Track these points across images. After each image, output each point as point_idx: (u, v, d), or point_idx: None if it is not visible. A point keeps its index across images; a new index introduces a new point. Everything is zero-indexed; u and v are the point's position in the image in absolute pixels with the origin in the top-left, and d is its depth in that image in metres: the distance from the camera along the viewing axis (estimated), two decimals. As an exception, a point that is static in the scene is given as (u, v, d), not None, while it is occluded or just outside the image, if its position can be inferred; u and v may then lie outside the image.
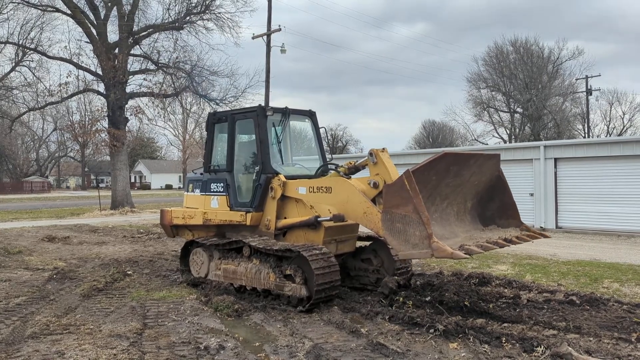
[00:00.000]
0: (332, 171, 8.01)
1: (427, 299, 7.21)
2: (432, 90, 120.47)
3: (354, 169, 7.65)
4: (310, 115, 9.25)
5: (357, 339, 5.80)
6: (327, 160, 9.11)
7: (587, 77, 48.62)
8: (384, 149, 7.22)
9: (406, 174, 5.85)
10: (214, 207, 8.67)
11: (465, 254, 5.68)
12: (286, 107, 8.75)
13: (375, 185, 7.01)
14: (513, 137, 52.93)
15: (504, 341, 5.53)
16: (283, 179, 7.90)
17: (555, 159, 17.19)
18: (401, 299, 7.14)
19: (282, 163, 8.58)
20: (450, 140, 68.79)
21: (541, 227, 17.06)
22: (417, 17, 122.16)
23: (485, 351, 5.34)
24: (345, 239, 7.97)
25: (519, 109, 52.37)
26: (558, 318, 6.44)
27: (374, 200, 7.02)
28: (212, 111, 9.29)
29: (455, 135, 68.76)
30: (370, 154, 7.13)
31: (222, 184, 8.59)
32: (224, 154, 8.69)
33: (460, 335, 5.76)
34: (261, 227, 8.15)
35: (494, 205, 7.33)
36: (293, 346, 5.62)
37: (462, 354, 5.30)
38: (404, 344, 5.61)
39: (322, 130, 9.34)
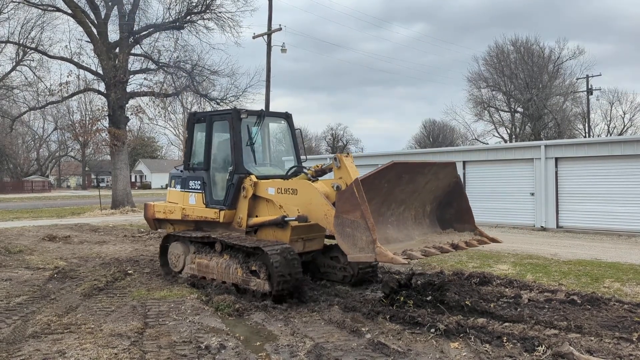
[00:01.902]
0: (302, 173, 8.32)
1: (428, 298, 7.20)
2: (431, 90, 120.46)
3: (320, 172, 8.00)
4: (286, 117, 9.56)
5: (358, 339, 5.79)
6: (302, 161, 9.50)
7: (587, 77, 48.65)
8: (348, 154, 7.66)
9: (355, 183, 6.21)
10: (191, 203, 9.10)
11: (405, 258, 5.99)
12: (261, 110, 9.17)
13: (338, 189, 7.33)
14: (514, 136, 52.90)
15: (505, 341, 5.52)
16: (254, 179, 8.22)
17: (556, 159, 17.17)
18: (402, 298, 7.13)
19: (256, 164, 8.83)
20: (451, 140, 68.71)
21: (542, 226, 17.07)
22: (415, 17, 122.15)
23: (487, 351, 5.34)
24: (313, 237, 8.29)
25: (519, 109, 52.33)
26: (559, 317, 6.43)
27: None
28: (192, 111, 9.52)
29: (456, 135, 68.72)
30: (335, 158, 7.53)
31: (199, 182, 8.97)
32: (202, 153, 9.00)
33: (462, 335, 5.76)
34: (234, 225, 8.48)
35: (452, 209, 7.65)
36: (294, 346, 5.61)
37: (464, 354, 5.29)
38: (405, 344, 5.60)
39: (297, 132, 9.65)
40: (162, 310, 7.10)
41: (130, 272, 9.77)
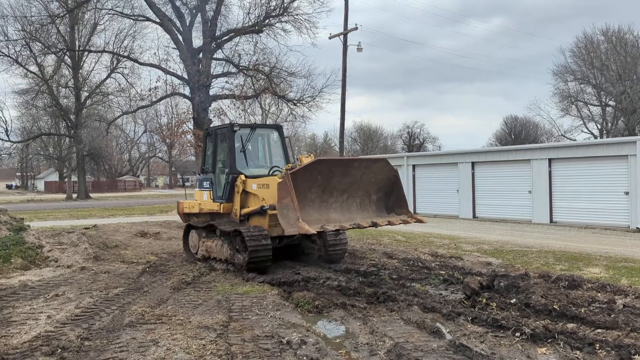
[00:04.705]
0: (279, 172, 9.74)
1: (512, 301, 6.96)
2: (510, 85, 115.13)
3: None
4: (277, 128, 11.72)
5: (439, 340, 5.71)
6: (291, 164, 10.88)
7: (691, 65, 44.55)
8: (309, 154, 9.10)
9: (286, 175, 7.67)
10: (204, 199, 11.35)
11: (318, 231, 7.56)
12: (254, 123, 12.04)
13: None
14: (605, 132, 49.56)
15: (597, 348, 5.23)
16: (243, 178, 10.20)
17: (655, 155, 15.88)
18: (484, 300, 6.95)
19: (247, 166, 10.73)
20: (535, 137, 65.26)
21: (637, 227, 15.86)
22: (493, 10, 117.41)
23: (577, 358, 5.08)
24: None
25: (611, 102, 48.93)
26: (659, 326, 5.98)
27: None
28: (206, 127, 12.39)
29: (540, 131, 65.30)
30: (297, 158, 9.09)
31: (209, 182, 11.22)
32: (211, 159, 11.28)
33: (549, 340, 5.52)
34: (232, 215, 10.51)
35: (393, 198, 9.01)
36: (373, 344, 5.63)
37: (551, 360, 5.07)
38: (488, 347, 5.46)
39: (287, 140, 11.58)
40: (245, 305, 7.37)
41: (215, 267, 10.21)
